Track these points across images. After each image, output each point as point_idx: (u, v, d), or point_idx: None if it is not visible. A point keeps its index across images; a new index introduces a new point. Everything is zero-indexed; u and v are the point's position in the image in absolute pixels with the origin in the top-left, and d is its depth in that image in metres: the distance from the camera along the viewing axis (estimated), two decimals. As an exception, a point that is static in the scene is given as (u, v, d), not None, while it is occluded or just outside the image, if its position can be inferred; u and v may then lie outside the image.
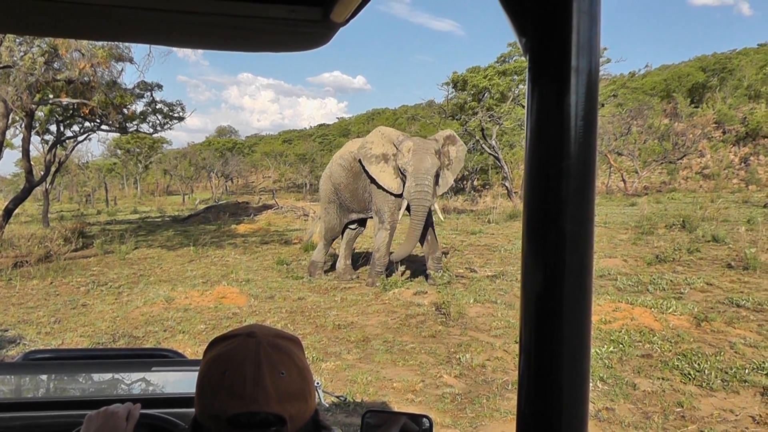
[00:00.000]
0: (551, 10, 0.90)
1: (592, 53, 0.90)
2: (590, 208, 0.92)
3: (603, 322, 9.67)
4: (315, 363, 8.35)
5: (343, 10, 1.37)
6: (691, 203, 28.13)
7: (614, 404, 6.78)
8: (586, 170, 0.91)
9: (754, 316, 10.33)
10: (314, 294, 13.28)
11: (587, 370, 0.95)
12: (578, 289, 0.92)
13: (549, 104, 0.91)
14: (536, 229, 0.93)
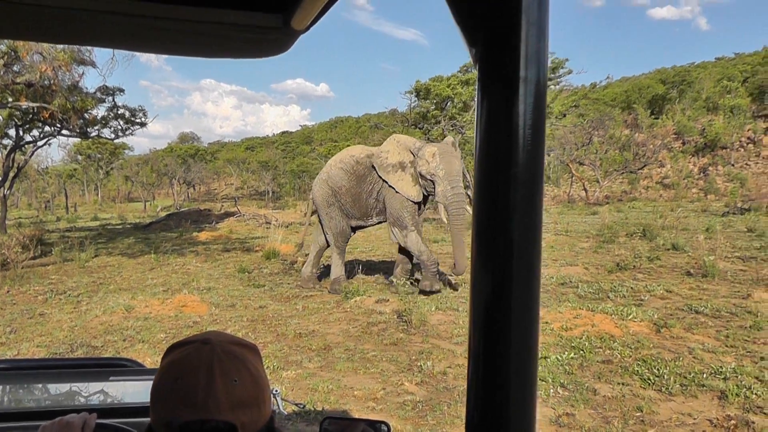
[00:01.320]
0: (500, 21, 0.91)
1: (540, 64, 0.91)
2: (538, 215, 0.94)
3: (564, 329, 9.72)
4: (276, 372, 8.30)
5: (303, 17, 1.37)
6: (651, 212, 28.46)
7: (575, 410, 6.81)
8: (533, 178, 0.92)
9: (712, 322, 10.46)
10: (276, 302, 13.20)
11: (534, 375, 0.96)
12: (526, 295, 0.93)
13: (498, 113, 0.92)
14: (485, 236, 0.94)
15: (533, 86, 0.90)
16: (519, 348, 0.93)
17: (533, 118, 0.91)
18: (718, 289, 13.05)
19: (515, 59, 0.90)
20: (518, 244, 0.92)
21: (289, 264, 18.22)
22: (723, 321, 10.52)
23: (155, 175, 70.51)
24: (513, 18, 0.89)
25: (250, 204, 52.89)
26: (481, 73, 0.95)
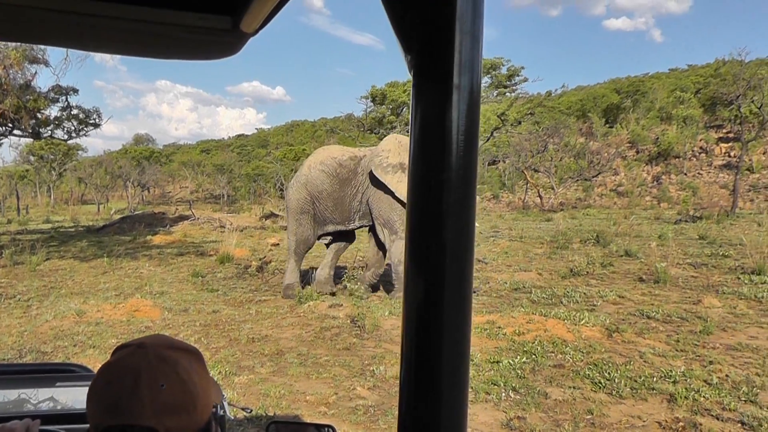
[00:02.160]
0: (435, 29, 0.93)
1: (474, 72, 0.93)
2: (470, 219, 0.95)
3: (517, 334, 9.75)
4: (228, 377, 8.21)
5: (253, 19, 1.37)
6: (605, 219, 28.82)
7: (526, 413, 6.82)
8: (466, 182, 0.93)
9: (663, 327, 10.58)
10: (229, 307, 13.07)
11: (466, 377, 0.97)
12: (458, 298, 0.94)
13: (431, 119, 0.94)
14: (418, 240, 0.95)
15: (467, 93, 0.92)
16: (451, 351, 0.94)
17: (466, 125, 0.92)
18: (669, 294, 13.21)
19: (449, 67, 0.91)
20: (451, 248, 0.93)
21: (243, 268, 18.08)
22: (674, 326, 10.65)
23: (109, 177, 69.71)
24: (447, 26, 0.91)
25: (205, 207, 52.56)
26: (415, 80, 0.96)
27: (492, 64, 35.84)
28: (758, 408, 6.91)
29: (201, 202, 65.72)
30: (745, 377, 7.91)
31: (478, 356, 8.72)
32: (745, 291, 13.06)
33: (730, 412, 6.77)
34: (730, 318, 11.13)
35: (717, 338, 9.86)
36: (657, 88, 62.74)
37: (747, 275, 14.84)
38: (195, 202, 56.61)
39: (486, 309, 12.16)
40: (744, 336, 10.01)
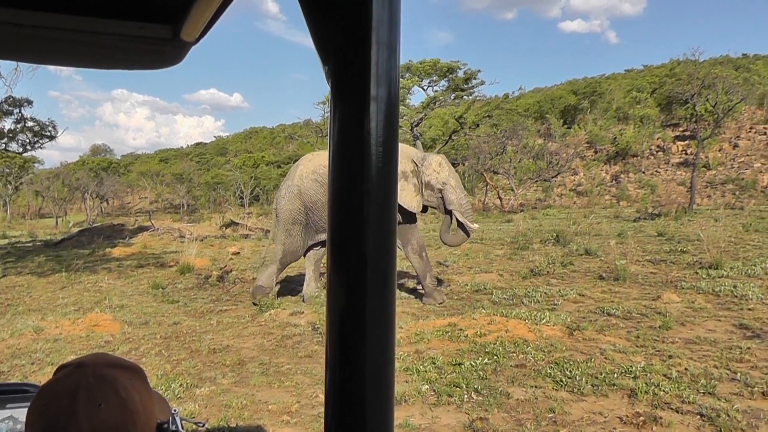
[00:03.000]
0: (351, 41, 0.93)
1: (391, 82, 0.93)
2: (391, 229, 0.95)
3: (478, 335, 9.76)
4: (189, 389, 8.12)
5: (193, 28, 1.36)
6: (565, 219, 28.99)
7: (488, 414, 6.83)
8: (386, 194, 0.94)
9: (623, 323, 10.68)
10: (190, 318, 12.96)
11: (391, 383, 0.97)
12: (381, 307, 0.94)
13: (349, 131, 0.93)
14: (339, 251, 0.95)
15: (384, 104, 0.92)
16: (375, 357, 0.94)
17: (384, 136, 0.92)
18: (629, 291, 13.34)
19: (366, 78, 0.91)
20: (372, 258, 0.93)
21: (203, 278, 17.93)
22: (634, 322, 10.75)
23: (67, 190, 68.51)
24: (363, 38, 0.91)
25: (165, 218, 52.02)
26: (333, 91, 0.95)
27: (449, 68, 35.94)
28: (716, 399, 6.99)
29: (161, 212, 65.01)
30: (704, 370, 8.01)
31: (440, 359, 8.73)
32: (703, 285, 13.22)
33: (689, 405, 6.85)
34: (689, 312, 11.27)
35: (676, 333, 9.98)
36: (613, 88, 63.42)
37: (705, 270, 15.03)
38: (155, 213, 56.02)
39: (447, 312, 12.20)
40: (702, 330, 10.14)
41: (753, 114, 50.34)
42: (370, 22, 0.90)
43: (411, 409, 7.08)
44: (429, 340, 9.73)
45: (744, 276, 14.21)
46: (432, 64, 35.68)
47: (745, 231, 22.15)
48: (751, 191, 39.30)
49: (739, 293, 12.41)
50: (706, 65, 39.70)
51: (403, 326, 10.83)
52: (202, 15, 1.30)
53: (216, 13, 1.29)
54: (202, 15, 1.30)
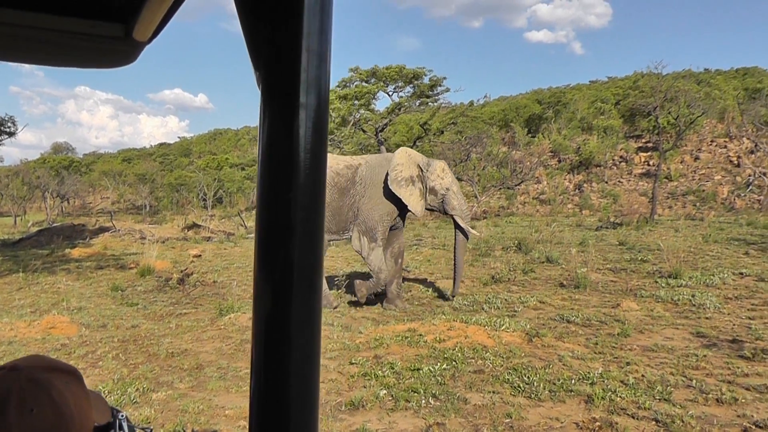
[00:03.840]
0: (281, 47, 0.94)
1: (321, 90, 0.95)
2: (318, 236, 0.97)
3: (437, 341, 9.76)
4: (146, 394, 8.01)
5: (145, 28, 1.36)
6: (527, 227, 29.14)
7: (445, 419, 6.82)
8: (314, 200, 0.95)
9: (582, 330, 10.75)
10: (149, 321, 12.82)
11: (316, 390, 0.99)
12: (307, 313, 0.95)
13: (278, 137, 0.94)
14: (266, 257, 0.95)
15: (313, 112, 0.93)
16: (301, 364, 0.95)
17: (313, 143, 0.93)
18: (589, 299, 13.43)
19: (295, 85, 0.93)
20: (299, 265, 0.94)
21: (163, 281, 17.76)
22: (593, 329, 10.83)
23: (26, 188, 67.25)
24: (292, 45, 0.93)
25: (127, 218, 51.48)
26: (263, 97, 0.96)
27: (414, 74, 35.98)
28: (672, 406, 7.06)
29: (123, 212, 64.21)
30: (660, 377, 8.08)
31: (399, 364, 8.71)
32: (662, 294, 13.36)
33: (645, 411, 6.91)
34: (648, 320, 11.37)
35: (634, 340, 10.05)
36: (578, 99, 63.72)
37: (664, 279, 15.19)
38: (116, 213, 55.42)
39: (407, 317, 12.21)
40: (660, 337, 10.23)
41: (714, 128, 50.88)
42: (301, 31, 0.92)
43: (368, 414, 7.06)
44: (388, 346, 9.71)
45: (702, 285, 14.37)
46: (398, 69, 35.69)
47: (704, 241, 22.37)
48: (712, 203, 39.73)
49: (697, 302, 12.56)
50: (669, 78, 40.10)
51: (363, 331, 10.83)
52: (154, 14, 1.29)
53: (168, 13, 1.28)
54: (154, 14, 1.29)
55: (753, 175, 40.52)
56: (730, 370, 8.41)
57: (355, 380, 8.25)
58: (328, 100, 0.97)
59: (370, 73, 35.91)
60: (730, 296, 13.25)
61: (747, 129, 41.31)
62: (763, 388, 7.66)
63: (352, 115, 34.74)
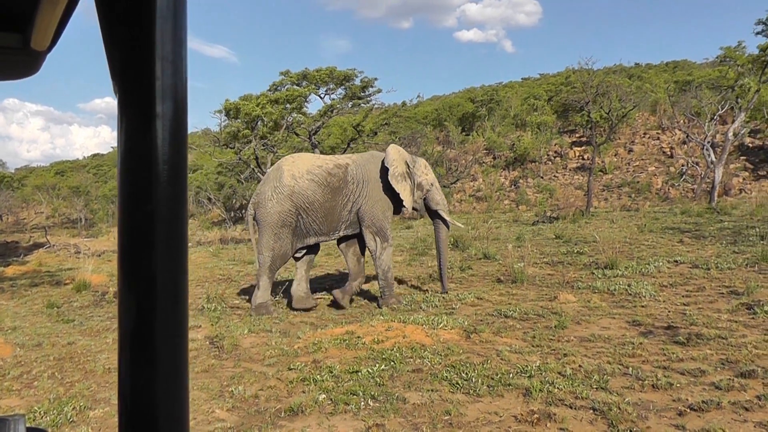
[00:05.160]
0: (133, 55, 0.90)
1: (177, 99, 0.91)
2: (182, 248, 0.94)
3: (375, 342, 9.72)
4: (83, 412, 7.80)
5: (42, 37, 1.30)
6: (464, 224, 29.23)
7: (384, 419, 6.78)
8: (175, 213, 0.92)
9: (520, 324, 10.80)
10: (85, 337, 12.55)
11: (186, 402, 0.95)
12: (172, 326, 0.93)
13: (136, 149, 0.91)
14: (128, 274, 0.92)
15: (169, 121, 0.90)
16: (168, 377, 0.92)
17: (170, 153, 0.90)
18: (526, 293, 13.53)
19: (150, 94, 0.89)
20: (162, 281, 0.91)
21: (100, 295, 17.45)
22: (530, 323, 10.89)
23: (-43, 206, 66.03)
24: (146, 54, 0.89)
25: (62, 233, 50.59)
26: (119, 107, 0.92)
27: (345, 76, 35.88)
28: (608, 394, 7.12)
29: (58, 227, 62.84)
30: (597, 366, 8.15)
31: (337, 367, 8.65)
32: (598, 285, 13.53)
33: (582, 400, 6.95)
34: (584, 311, 11.49)
35: (571, 331, 10.14)
36: (511, 96, 64.47)
37: (600, 270, 15.40)
38: (51, 228, 54.36)
39: (345, 319, 12.16)
40: (597, 327, 10.34)
41: (646, 120, 51.85)
42: (153, 37, 0.89)
43: (308, 420, 6.98)
44: (327, 349, 9.64)
45: (638, 275, 14.59)
46: (328, 72, 35.56)
47: (639, 231, 22.75)
48: (646, 193, 40.45)
49: (633, 291, 12.74)
50: (600, 74, 40.69)
51: (302, 336, 10.75)
52: (49, 23, 1.23)
53: (62, 20, 1.23)
54: (49, 23, 1.23)
55: (686, 165, 41.40)
56: (666, 356, 8.52)
57: (293, 386, 8.17)
58: (186, 109, 0.94)
59: (301, 75, 35.74)
60: (665, 284, 13.46)
61: (678, 120, 42.10)
62: (697, 372, 7.78)
63: (284, 119, 34.50)
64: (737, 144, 41.24)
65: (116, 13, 0.90)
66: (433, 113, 62.64)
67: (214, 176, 54.74)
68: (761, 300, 11.18)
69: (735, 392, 7.01)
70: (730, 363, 8.06)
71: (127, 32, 0.89)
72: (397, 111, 42.35)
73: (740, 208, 28.35)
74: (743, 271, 14.06)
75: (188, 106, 0.95)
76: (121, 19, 0.90)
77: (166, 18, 0.89)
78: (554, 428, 6.30)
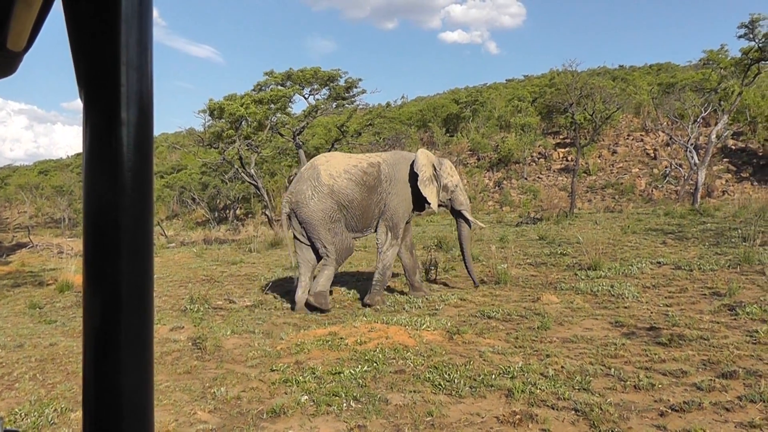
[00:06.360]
0: (100, 62, 0.90)
1: (143, 106, 0.92)
2: (147, 256, 0.94)
3: (358, 343, 9.71)
4: (64, 414, 7.73)
5: (18, 37, 1.25)
6: (448, 225, 29.27)
7: (366, 421, 6.76)
8: (140, 221, 0.92)
9: (502, 325, 10.81)
10: (67, 338, 12.46)
11: (150, 405, 0.96)
12: (137, 332, 0.93)
13: (101, 156, 0.91)
14: (93, 282, 0.91)
15: (134, 128, 0.91)
16: (132, 380, 0.92)
17: (135, 160, 0.91)
18: (509, 294, 13.55)
19: (115, 100, 0.90)
20: (127, 286, 0.91)
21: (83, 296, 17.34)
22: (513, 324, 10.90)
23: (-61, 206, 65.67)
24: (112, 61, 0.89)
25: (45, 233, 50.34)
26: (84, 113, 0.93)
27: (329, 76, 35.78)
28: (590, 395, 7.14)
29: (41, 227, 62.47)
30: (580, 367, 8.17)
31: (320, 369, 8.63)
32: (581, 286, 13.56)
33: (564, 401, 6.96)
34: (567, 312, 11.51)
35: (554, 332, 10.16)
36: (495, 97, 64.43)
37: (584, 271, 15.42)
38: (34, 228, 54.01)
39: (328, 320, 12.14)
40: (580, 328, 10.36)
41: (630, 122, 51.98)
42: (118, 44, 0.89)
43: (290, 421, 6.96)
44: (309, 350, 9.62)
45: (621, 276, 14.64)
46: (313, 72, 35.46)
47: (623, 233, 22.81)
48: (630, 195, 40.57)
49: (615, 292, 12.77)
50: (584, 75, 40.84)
51: (284, 337, 10.72)
52: (24, 23, 1.19)
53: (38, 20, 1.19)
54: (24, 23, 1.19)
55: (669, 167, 41.51)
56: (648, 357, 8.55)
57: (276, 387, 8.14)
58: (152, 115, 0.94)
59: (285, 76, 35.64)
60: (648, 285, 13.50)
61: (662, 122, 42.30)
62: (679, 372, 7.81)
63: (268, 119, 34.41)
64: (720, 146, 41.39)
65: (81, 18, 0.90)
66: (418, 114, 62.64)
67: (198, 176, 54.52)
68: (743, 301, 11.24)
69: (716, 393, 7.05)
70: (712, 364, 8.10)
71: (92, 38, 0.89)
72: (381, 112, 42.29)
73: (723, 210, 28.46)
74: (725, 272, 14.11)
75: (154, 112, 0.95)
76: (85, 24, 0.90)
77: (130, 24, 0.89)
78: (536, 429, 6.31)
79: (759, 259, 14.66)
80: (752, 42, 30.82)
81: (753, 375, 7.57)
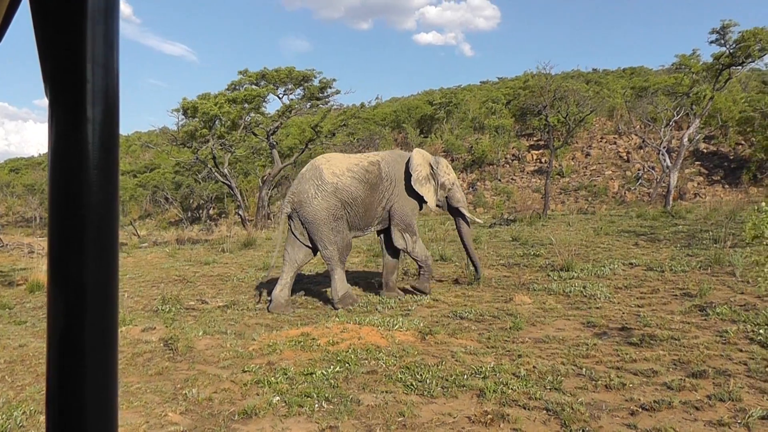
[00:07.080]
0: (64, 60, 0.90)
1: (108, 103, 0.92)
2: (112, 253, 0.94)
3: (331, 344, 9.70)
4: (33, 416, 7.64)
5: None
6: (422, 226, 29.27)
7: (338, 422, 6.74)
8: (106, 218, 0.92)
9: (475, 326, 10.83)
10: (37, 339, 12.32)
11: (114, 406, 0.96)
12: (101, 329, 0.93)
13: (66, 153, 0.91)
14: (58, 279, 0.92)
15: (100, 125, 0.91)
16: (96, 379, 0.92)
17: (101, 158, 0.91)
18: (482, 295, 13.58)
19: (81, 98, 0.90)
20: (92, 283, 0.91)
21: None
22: (486, 324, 10.93)
23: None
24: (77, 58, 0.89)
25: (16, 232, 49.64)
26: (50, 110, 0.93)
27: (304, 76, 35.72)
28: (562, 394, 7.17)
29: (12, 226, 61.74)
30: (551, 367, 8.21)
31: (292, 369, 8.60)
32: (554, 287, 13.63)
33: (536, 401, 7.00)
34: (540, 313, 11.55)
35: (526, 333, 10.19)
36: (469, 99, 64.63)
37: (556, 272, 15.49)
38: (5, 227, 53.42)
39: (301, 321, 12.11)
40: (552, 329, 10.40)
41: (603, 125, 52.34)
42: (84, 42, 0.89)
43: (261, 422, 6.93)
44: (281, 351, 9.58)
45: (593, 277, 14.72)
46: (287, 72, 35.38)
47: (596, 234, 22.93)
48: (603, 197, 40.81)
49: (588, 293, 12.85)
50: (558, 78, 41.05)
51: (256, 338, 10.67)
52: None
53: (6, 15, 1.18)
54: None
55: (642, 169, 41.84)
56: (619, 356, 8.60)
57: (248, 388, 8.10)
58: (118, 113, 0.94)
59: (260, 75, 35.57)
60: (620, 286, 13.57)
61: (635, 125, 42.56)
62: (649, 372, 7.86)
63: (242, 119, 34.32)
64: (692, 149, 41.71)
65: (47, 14, 0.89)
66: (392, 115, 62.67)
67: (172, 176, 54.27)
68: (713, 302, 11.33)
69: (686, 392, 7.10)
70: (682, 363, 8.16)
71: (58, 35, 0.88)
72: (355, 112, 42.31)
73: (694, 212, 28.66)
74: (696, 273, 14.22)
75: (120, 109, 0.95)
76: (51, 20, 0.88)
77: (97, 21, 0.88)
78: (507, 429, 6.32)
79: (729, 260, 14.76)
80: (723, 48, 31.15)
81: (722, 374, 7.65)
